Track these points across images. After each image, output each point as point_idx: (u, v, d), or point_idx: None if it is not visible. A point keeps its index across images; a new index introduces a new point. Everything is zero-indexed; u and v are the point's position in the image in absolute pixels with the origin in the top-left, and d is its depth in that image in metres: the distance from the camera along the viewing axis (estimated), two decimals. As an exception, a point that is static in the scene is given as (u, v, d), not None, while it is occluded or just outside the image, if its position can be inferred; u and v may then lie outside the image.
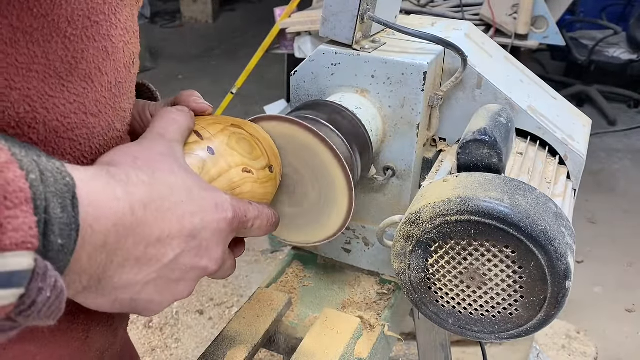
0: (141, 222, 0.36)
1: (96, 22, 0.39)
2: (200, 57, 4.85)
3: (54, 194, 0.30)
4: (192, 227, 0.40)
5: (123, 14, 0.42)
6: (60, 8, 0.36)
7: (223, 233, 0.43)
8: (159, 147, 0.43)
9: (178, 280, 0.41)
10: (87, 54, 0.39)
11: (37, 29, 0.36)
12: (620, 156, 3.26)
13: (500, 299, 0.53)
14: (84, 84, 0.40)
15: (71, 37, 0.38)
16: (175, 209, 0.39)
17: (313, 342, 0.66)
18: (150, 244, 0.37)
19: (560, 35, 2.56)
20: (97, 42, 0.40)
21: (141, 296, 0.39)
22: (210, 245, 0.42)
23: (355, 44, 0.67)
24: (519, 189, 0.52)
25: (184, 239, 0.39)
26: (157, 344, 1.93)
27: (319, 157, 0.55)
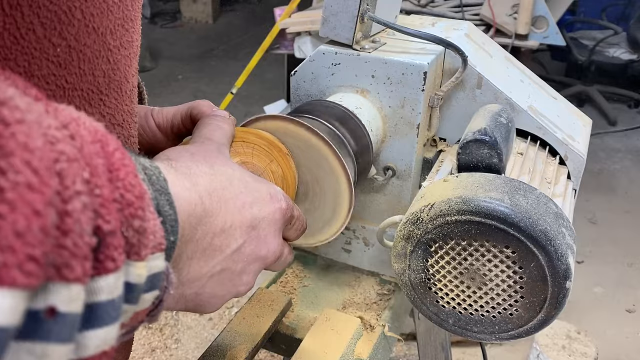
0: (208, 212, 0.36)
1: (127, 30, 0.39)
2: (200, 57, 4.85)
3: (160, 191, 0.30)
4: (252, 217, 0.40)
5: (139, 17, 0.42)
6: (107, 19, 0.35)
7: (278, 223, 0.43)
8: (209, 146, 0.44)
9: (241, 272, 0.41)
10: (120, 64, 0.38)
11: (89, 46, 0.35)
12: (620, 156, 3.26)
13: (500, 299, 0.53)
14: (115, 95, 0.39)
15: (113, 49, 0.37)
16: (236, 199, 0.39)
17: (313, 342, 0.66)
18: (216, 234, 0.37)
19: (560, 35, 2.55)
20: (127, 49, 0.39)
21: (205, 290, 0.39)
22: (268, 235, 0.42)
23: (355, 44, 0.67)
24: (519, 189, 0.52)
25: (245, 229, 0.40)
26: (157, 344, 1.92)
27: (319, 158, 0.55)
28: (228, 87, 2.82)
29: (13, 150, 0.19)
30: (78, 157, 0.22)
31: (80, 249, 0.21)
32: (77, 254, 0.21)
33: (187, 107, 0.52)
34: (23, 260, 0.19)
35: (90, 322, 0.23)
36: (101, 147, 0.25)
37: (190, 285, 0.37)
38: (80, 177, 0.22)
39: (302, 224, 0.49)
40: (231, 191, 0.39)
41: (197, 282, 0.37)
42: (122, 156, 0.26)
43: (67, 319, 0.21)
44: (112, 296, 0.24)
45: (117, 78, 0.39)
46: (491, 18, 2.54)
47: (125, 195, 0.25)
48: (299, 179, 0.58)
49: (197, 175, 0.36)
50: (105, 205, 0.23)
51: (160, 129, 0.53)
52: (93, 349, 0.23)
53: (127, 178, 0.25)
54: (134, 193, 0.26)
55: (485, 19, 2.58)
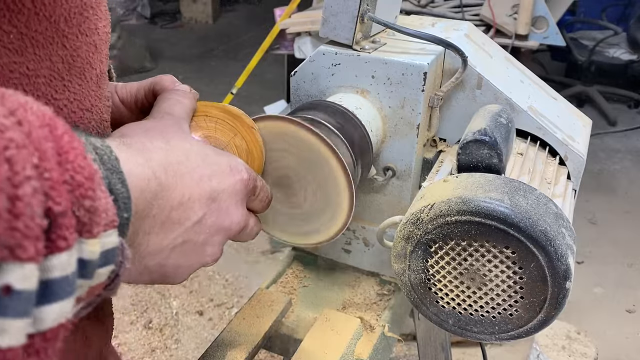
0: (163, 186, 0.37)
1: (87, 18, 0.39)
2: (200, 57, 4.85)
3: (111, 170, 0.31)
4: (211, 190, 0.41)
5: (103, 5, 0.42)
6: (60, 7, 0.36)
7: (240, 194, 0.44)
8: (167, 121, 0.44)
9: (204, 243, 0.41)
10: (80, 51, 0.39)
11: (41, 33, 0.35)
12: (620, 156, 3.26)
13: (500, 299, 0.53)
14: (79, 81, 0.40)
15: (68, 36, 0.38)
16: (193, 173, 0.39)
17: (313, 342, 0.66)
18: (173, 207, 0.38)
19: (560, 36, 2.55)
20: (88, 36, 0.40)
21: (169, 261, 0.39)
22: (229, 207, 0.43)
23: (355, 45, 0.67)
24: (519, 189, 0.52)
25: (204, 202, 0.40)
26: (157, 344, 1.92)
27: (319, 158, 0.55)
28: (228, 87, 2.82)
29: None
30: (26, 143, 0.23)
31: (32, 231, 0.23)
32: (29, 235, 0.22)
33: (150, 82, 0.52)
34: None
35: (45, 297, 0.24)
36: (49, 131, 0.25)
37: (151, 257, 0.38)
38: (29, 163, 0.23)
39: (267, 195, 0.49)
40: (188, 165, 0.39)
41: (158, 254, 0.38)
42: (70, 139, 0.27)
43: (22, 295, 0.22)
44: (65, 273, 0.25)
45: (78, 64, 0.39)
46: (491, 18, 2.54)
47: (75, 176, 0.26)
48: (299, 180, 0.58)
49: (150, 151, 0.37)
50: (55, 188, 0.24)
51: (125, 104, 0.53)
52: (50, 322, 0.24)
53: (76, 160, 0.26)
54: (84, 174, 0.26)
55: (485, 19, 2.58)
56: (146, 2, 5.72)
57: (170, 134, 0.42)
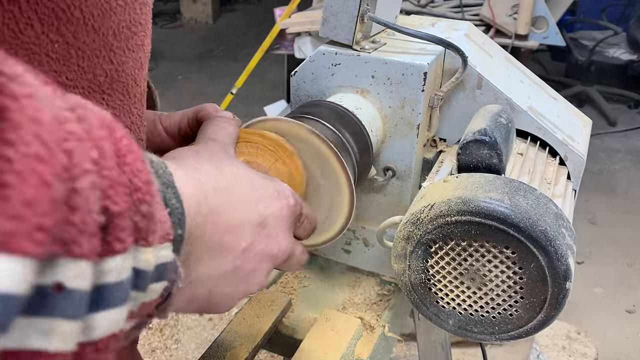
0: (215, 209, 0.36)
1: (135, 33, 0.39)
2: (200, 57, 4.85)
3: (166, 185, 0.30)
4: (259, 215, 0.40)
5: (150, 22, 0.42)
6: (109, 20, 0.36)
7: (287, 220, 0.43)
8: (214, 146, 0.44)
9: (252, 271, 0.40)
10: (126, 66, 0.38)
11: (88, 44, 0.35)
12: (620, 156, 3.26)
13: (500, 299, 0.53)
14: (121, 97, 0.39)
15: (116, 50, 0.37)
16: (242, 197, 0.39)
17: (313, 343, 0.66)
18: (225, 232, 0.37)
19: (560, 36, 2.55)
20: (134, 53, 0.39)
21: (217, 289, 0.38)
22: (278, 233, 0.42)
23: (355, 45, 0.67)
24: (519, 189, 0.52)
25: (254, 227, 0.39)
26: (157, 344, 1.92)
27: (319, 159, 0.55)
28: (228, 88, 2.82)
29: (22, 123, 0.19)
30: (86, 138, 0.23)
31: (88, 226, 0.22)
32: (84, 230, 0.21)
33: (194, 111, 0.52)
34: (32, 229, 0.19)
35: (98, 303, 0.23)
36: (109, 133, 0.25)
37: (201, 285, 0.37)
38: (88, 157, 0.22)
39: (312, 222, 0.48)
40: (237, 189, 0.39)
41: (208, 281, 0.37)
42: (129, 142, 0.26)
43: (74, 295, 0.21)
44: (120, 278, 0.24)
45: (123, 80, 0.39)
46: (491, 18, 2.54)
47: (133, 180, 0.25)
48: None
49: (201, 174, 0.36)
50: (114, 187, 0.23)
51: (168, 133, 0.53)
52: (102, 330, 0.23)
53: (135, 164, 0.25)
54: (141, 178, 0.26)
55: (485, 19, 2.58)
56: (146, 2, 5.71)
57: (218, 159, 0.41)
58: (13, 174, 0.18)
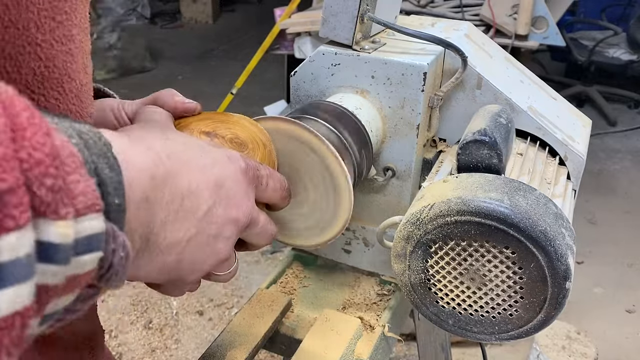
0: (170, 172, 0.36)
1: (60, 23, 0.37)
2: (200, 57, 4.85)
3: (98, 155, 0.30)
4: (215, 177, 0.40)
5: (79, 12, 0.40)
6: (27, 11, 0.33)
7: (242, 183, 0.43)
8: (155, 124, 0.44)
9: (216, 235, 0.41)
10: (57, 60, 0.37)
11: (9, 41, 0.33)
12: (620, 157, 3.26)
13: (500, 299, 0.53)
14: (55, 94, 0.38)
15: (42, 44, 0.35)
16: (196, 160, 0.39)
17: (313, 343, 0.66)
18: (185, 195, 0.37)
19: (560, 36, 2.55)
20: (63, 45, 0.37)
21: (185, 256, 0.39)
22: (236, 195, 0.42)
23: (355, 45, 0.67)
24: (519, 189, 0.52)
25: (212, 189, 0.40)
26: (157, 344, 1.92)
27: (318, 159, 0.55)
28: (228, 88, 2.82)
29: None
30: None
31: None
32: None
33: (152, 98, 0.52)
34: None
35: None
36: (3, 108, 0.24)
37: (169, 251, 0.37)
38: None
39: (279, 183, 0.48)
40: (189, 153, 0.39)
41: (175, 247, 0.38)
42: (30, 116, 0.25)
43: None
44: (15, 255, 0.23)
45: (55, 76, 0.37)
46: (491, 18, 2.54)
47: (33, 154, 0.25)
48: (298, 180, 0.58)
49: (151, 140, 0.37)
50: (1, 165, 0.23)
51: (131, 120, 0.53)
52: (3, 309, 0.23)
53: (35, 137, 0.25)
54: (44, 151, 0.25)
55: (485, 19, 2.58)
56: (146, 2, 5.72)
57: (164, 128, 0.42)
58: None
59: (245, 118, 0.54)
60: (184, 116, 0.52)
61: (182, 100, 0.51)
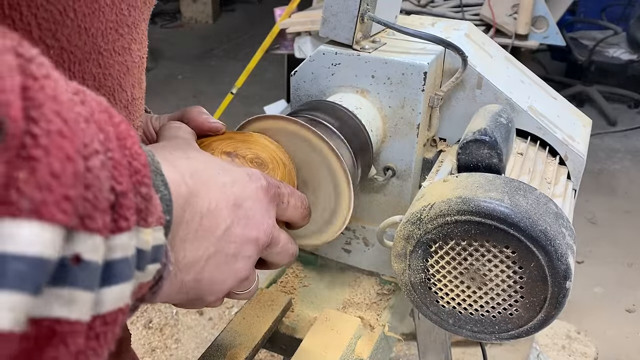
0: (192, 191, 0.36)
1: (121, 35, 0.38)
2: (200, 57, 4.85)
3: (155, 172, 0.31)
4: (235, 196, 0.40)
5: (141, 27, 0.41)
6: (98, 20, 0.35)
7: (263, 202, 0.43)
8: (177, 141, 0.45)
9: (235, 255, 0.40)
10: (112, 70, 0.38)
11: (80, 47, 0.34)
12: (620, 156, 3.26)
13: (500, 299, 0.53)
14: None
15: (103, 53, 0.36)
16: (215, 179, 0.39)
17: (313, 342, 0.66)
18: (204, 214, 0.37)
19: (560, 36, 2.55)
20: (120, 56, 0.38)
21: (204, 275, 0.38)
22: (255, 215, 0.42)
23: (355, 44, 0.67)
24: (519, 189, 0.52)
25: (231, 209, 0.39)
26: (157, 344, 1.92)
27: (319, 158, 0.55)
28: (228, 87, 2.82)
29: (43, 102, 0.20)
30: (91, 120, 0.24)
31: (101, 203, 0.23)
32: (98, 206, 0.22)
33: (179, 113, 0.53)
34: (60, 199, 0.20)
35: (106, 279, 0.24)
36: (109, 117, 0.26)
37: (188, 270, 0.37)
38: (97, 138, 0.23)
39: (301, 201, 0.48)
40: (209, 172, 0.39)
41: (194, 266, 0.38)
42: (127, 127, 0.27)
43: (91, 267, 0.22)
44: (126, 254, 0.25)
45: (109, 84, 0.38)
46: (491, 18, 2.54)
47: (133, 162, 0.26)
48: (298, 180, 0.58)
49: (173, 160, 0.37)
50: (117, 168, 0.24)
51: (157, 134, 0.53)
52: (110, 304, 0.24)
53: (134, 147, 0.26)
54: (140, 161, 0.27)
55: (485, 19, 2.58)
56: (146, 2, 5.71)
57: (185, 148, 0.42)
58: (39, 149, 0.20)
59: (265, 137, 0.54)
60: (207, 135, 0.52)
61: (208, 119, 0.51)
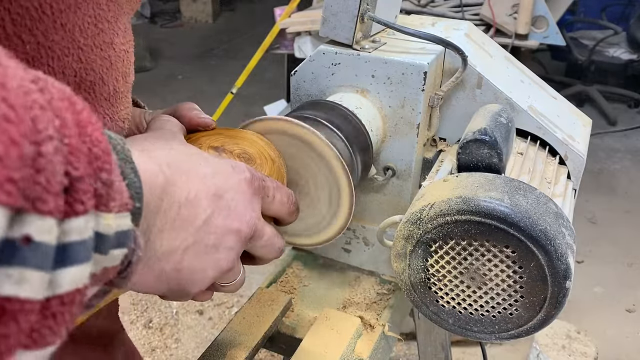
0: (170, 181, 0.36)
1: (102, 30, 0.38)
2: (200, 57, 4.85)
3: (124, 160, 0.31)
4: (216, 187, 0.40)
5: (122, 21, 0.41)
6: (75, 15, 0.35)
7: (246, 194, 0.42)
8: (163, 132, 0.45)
9: (216, 245, 0.40)
10: (94, 65, 0.38)
11: (57, 42, 0.34)
12: (620, 156, 3.26)
13: (500, 299, 0.53)
14: (86, 95, 0.39)
15: (83, 48, 0.36)
16: (196, 170, 0.39)
17: (313, 342, 0.66)
18: (182, 204, 0.37)
19: (560, 35, 2.55)
20: (102, 50, 0.39)
21: (183, 264, 0.38)
22: (238, 206, 0.41)
23: (355, 44, 0.67)
24: (519, 189, 0.52)
25: (211, 199, 0.39)
26: (157, 344, 1.92)
27: (319, 158, 0.55)
28: (228, 87, 2.82)
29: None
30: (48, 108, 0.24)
31: (53, 187, 0.23)
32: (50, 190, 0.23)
33: (172, 109, 0.53)
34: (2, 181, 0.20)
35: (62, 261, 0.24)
36: (69, 104, 0.26)
37: (167, 259, 0.37)
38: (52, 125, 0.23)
39: (287, 196, 0.47)
40: (190, 163, 0.39)
41: (173, 254, 0.38)
42: (89, 115, 0.27)
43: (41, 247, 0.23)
44: (82, 237, 0.25)
45: (90, 78, 0.38)
46: (491, 18, 2.54)
47: (93, 149, 0.26)
48: (298, 180, 0.58)
49: (152, 150, 0.38)
50: (74, 154, 0.25)
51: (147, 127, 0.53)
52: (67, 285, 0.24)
53: (94, 134, 0.27)
54: (101, 148, 0.27)
55: (485, 19, 2.58)
56: (146, 2, 5.72)
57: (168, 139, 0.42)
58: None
59: (255, 134, 0.54)
60: (197, 130, 0.52)
61: (198, 114, 0.51)
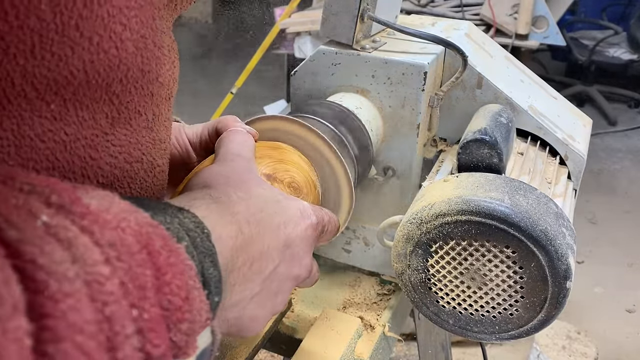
0: (248, 240, 0.36)
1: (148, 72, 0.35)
2: (200, 57, 4.85)
3: (204, 254, 0.30)
4: (286, 237, 0.40)
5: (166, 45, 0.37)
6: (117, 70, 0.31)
7: (310, 239, 0.43)
8: (240, 164, 0.44)
9: (277, 292, 0.41)
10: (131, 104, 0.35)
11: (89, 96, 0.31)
12: (620, 156, 3.26)
13: (500, 299, 0.53)
14: (124, 131, 0.35)
15: (119, 94, 0.33)
16: (271, 221, 0.39)
17: (313, 342, 0.66)
18: (256, 259, 0.37)
19: (560, 35, 2.55)
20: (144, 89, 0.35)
21: (246, 312, 0.39)
22: (300, 253, 0.42)
23: (355, 44, 0.67)
24: (520, 189, 0.51)
25: (280, 249, 0.40)
26: (157, 344, 1.92)
27: (319, 158, 0.55)
28: (228, 87, 2.82)
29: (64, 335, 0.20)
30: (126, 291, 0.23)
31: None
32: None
33: (213, 123, 0.52)
34: None
35: None
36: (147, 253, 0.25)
37: (232, 309, 0.37)
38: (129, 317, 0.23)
39: (334, 225, 0.48)
40: (266, 213, 0.39)
41: (238, 304, 0.38)
42: (168, 255, 0.26)
43: None
44: None
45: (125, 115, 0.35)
46: (491, 18, 2.54)
47: (173, 300, 0.26)
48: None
49: (235, 203, 0.37)
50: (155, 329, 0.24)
51: (191, 144, 0.53)
52: None
53: (174, 281, 0.26)
54: (181, 296, 0.26)
55: (486, 19, 2.58)
56: (146, 2, 5.71)
57: (247, 181, 0.42)
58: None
59: (297, 153, 0.54)
60: None
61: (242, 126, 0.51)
